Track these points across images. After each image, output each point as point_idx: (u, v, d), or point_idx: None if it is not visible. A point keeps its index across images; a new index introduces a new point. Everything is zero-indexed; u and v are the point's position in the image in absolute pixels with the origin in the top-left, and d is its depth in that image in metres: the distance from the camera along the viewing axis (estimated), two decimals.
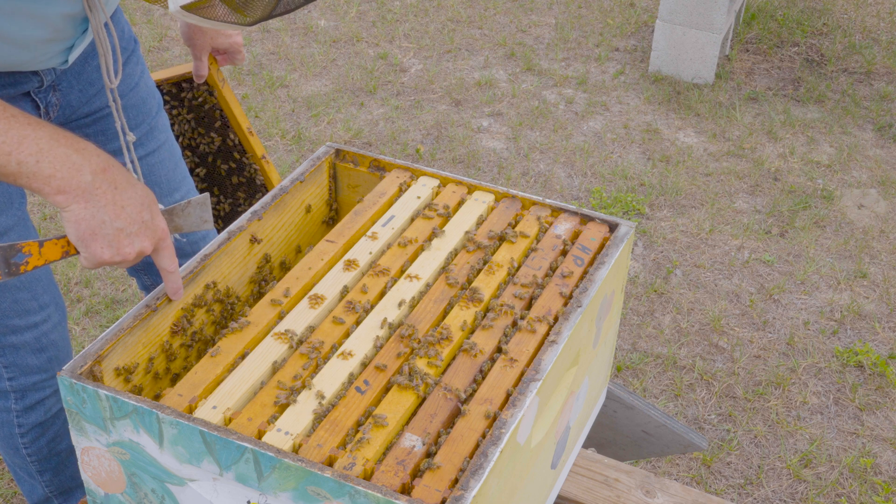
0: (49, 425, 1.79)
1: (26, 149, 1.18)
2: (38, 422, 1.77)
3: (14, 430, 1.77)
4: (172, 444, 1.18)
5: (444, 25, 4.75)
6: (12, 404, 1.73)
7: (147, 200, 1.27)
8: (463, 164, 3.75)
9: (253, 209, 1.54)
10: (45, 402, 1.75)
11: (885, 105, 4.24)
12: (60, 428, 1.82)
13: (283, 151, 3.77)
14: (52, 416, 1.78)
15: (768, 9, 4.94)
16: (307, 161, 1.68)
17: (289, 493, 1.13)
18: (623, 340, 2.95)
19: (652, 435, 1.95)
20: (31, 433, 1.78)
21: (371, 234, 1.53)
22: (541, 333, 1.34)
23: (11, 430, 1.77)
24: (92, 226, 1.22)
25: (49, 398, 1.76)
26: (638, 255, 3.31)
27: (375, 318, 1.36)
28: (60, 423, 1.81)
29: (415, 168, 1.68)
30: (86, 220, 1.22)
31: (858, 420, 2.74)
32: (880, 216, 3.57)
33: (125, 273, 3.08)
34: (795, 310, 3.11)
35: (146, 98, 1.75)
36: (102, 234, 1.22)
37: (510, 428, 1.17)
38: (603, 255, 1.49)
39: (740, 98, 4.24)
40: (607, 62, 4.49)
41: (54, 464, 1.85)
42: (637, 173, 3.74)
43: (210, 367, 1.28)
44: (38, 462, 1.83)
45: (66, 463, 1.88)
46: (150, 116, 1.76)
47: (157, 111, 1.78)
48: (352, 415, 1.21)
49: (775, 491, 2.53)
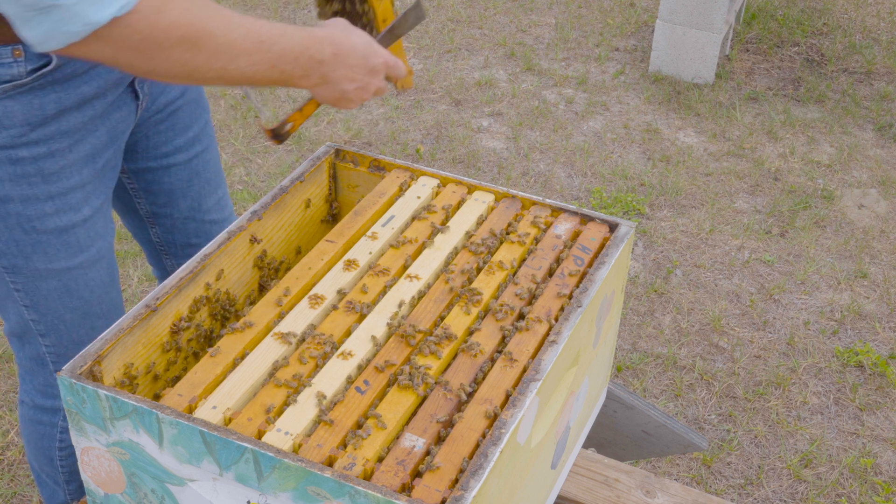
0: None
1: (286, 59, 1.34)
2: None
3: (54, 444, 1.80)
4: (172, 444, 1.18)
5: (444, 25, 4.75)
6: (60, 421, 1.76)
7: (367, 51, 1.45)
8: (463, 164, 3.75)
9: (253, 209, 1.54)
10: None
11: (885, 105, 4.24)
12: None
13: (283, 151, 3.77)
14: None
15: (768, 9, 4.94)
16: (307, 161, 1.68)
17: (289, 493, 1.12)
18: (623, 340, 2.95)
19: (652, 435, 1.95)
20: (69, 449, 1.80)
21: (371, 233, 1.53)
22: (541, 333, 1.34)
23: (51, 444, 1.80)
24: (335, 96, 1.44)
25: None
26: (638, 255, 3.31)
27: (375, 318, 1.36)
28: None
29: (415, 168, 1.68)
30: (330, 94, 1.44)
31: (858, 420, 2.74)
32: (880, 216, 3.57)
33: (125, 273, 3.08)
34: (795, 310, 3.11)
35: (201, 92, 1.80)
36: (345, 98, 1.45)
37: (510, 428, 1.17)
38: (603, 255, 1.49)
39: (740, 98, 4.24)
40: (607, 62, 4.49)
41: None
42: (637, 173, 3.73)
43: (210, 367, 1.28)
44: (68, 473, 1.85)
45: None
46: (205, 111, 1.81)
47: (207, 106, 1.85)
48: (352, 415, 1.21)
49: (775, 491, 2.53)
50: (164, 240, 1.88)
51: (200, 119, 1.79)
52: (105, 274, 1.65)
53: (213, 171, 1.86)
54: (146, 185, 1.79)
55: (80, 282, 1.60)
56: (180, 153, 1.77)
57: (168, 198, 1.81)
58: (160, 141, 1.74)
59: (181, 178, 1.80)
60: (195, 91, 1.77)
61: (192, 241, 1.88)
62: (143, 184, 1.79)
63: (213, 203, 1.88)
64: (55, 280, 1.58)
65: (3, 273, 1.57)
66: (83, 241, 1.58)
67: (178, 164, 1.78)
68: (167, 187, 1.80)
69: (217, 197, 1.89)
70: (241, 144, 3.78)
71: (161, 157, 1.75)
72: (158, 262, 1.94)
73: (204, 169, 1.83)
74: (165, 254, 1.91)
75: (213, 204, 1.88)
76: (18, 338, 1.68)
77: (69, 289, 1.60)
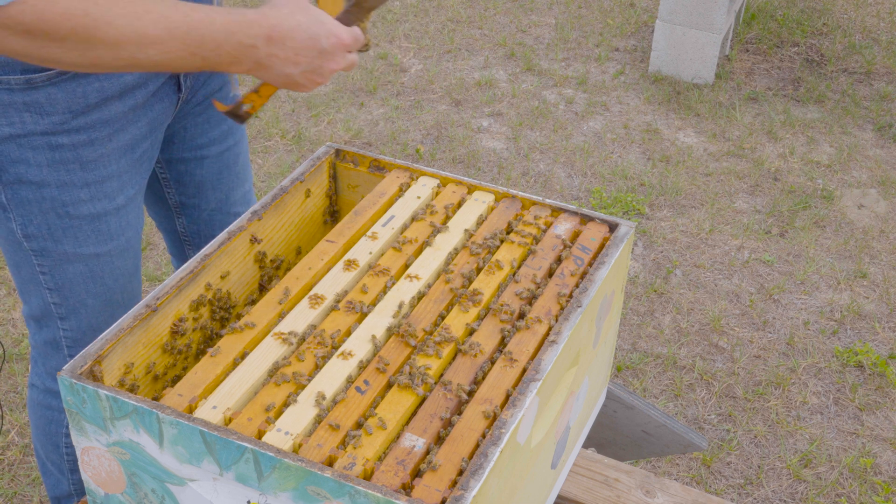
0: None
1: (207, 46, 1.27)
2: None
3: (61, 430, 1.80)
4: (172, 444, 1.18)
5: (444, 25, 4.75)
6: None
7: (315, 30, 1.34)
8: (463, 164, 3.75)
9: (253, 209, 1.54)
10: None
11: (885, 105, 4.24)
12: None
13: (283, 151, 3.77)
14: None
15: (768, 9, 4.94)
16: (307, 161, 1.68)
17: (289, 493, 1.13)
18: (623, 340, 2.95)
19: (652, 435, 1.95)
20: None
21: (371, 234, 1.53)
22: (541, 333, 1.34)
23: (59, 429, 1.80)
24: (282, 80, 1.37)
25: None
26: (638, 255, 3.31)
27: (375, 318, 1.36)
28: None
29: (415, 168, 1.68)
30: (276, 78, 1.36)
31: (858, 420, 2.74)
32: (880, 216, 3.57)
33: None
34: (795, 310, 3.11)
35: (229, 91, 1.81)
36: (294, 81, 1.37)
37: (510, 428, 1.17)
38: (603, 255, 1.49)
39: (740, 98, 4.24)
40: (607, 62, 4.49)
41: None
42: (637, 173, 3.74)
43: (210, 367, 1.28)
44: (73, 462, 1.85)
45: None
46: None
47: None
48: (352, 415, 1.21)
49: (775, 491, 2.53)
50: (190, 230, 1.90)
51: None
52: (131, 264, 1.66)
53: (242, 164, 1.87)
54: (178, 176, 1.80)
55: (107, 269, 1.61)
56: (213, 146, 1.78)
57: (198, 189, 1.82)
58: (196, 133, 1.74)
59: (213, 170, 1.81)
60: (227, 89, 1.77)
61: (216, 233, 1.90)
62: (174, 174, 1.80)
63: (240, 196, 1.89)
64: (82, 265, 1.58)
65: (31, 255, 1.57)
66: (114, 229, 1.58)
67: (211, 157, 1.79)
68: (198, 178, 1.81)
69: (244, 190, 1.90)
70: None
71: (195, 148, 1.76)
72: (181, 251, 1.96)
73: (234, 162, 1.84)
74: (189, 244, 1.93)
75: (240, 197, 1.89)
76: (37, 321, 1.68)
77: (95, 274, 1.61)
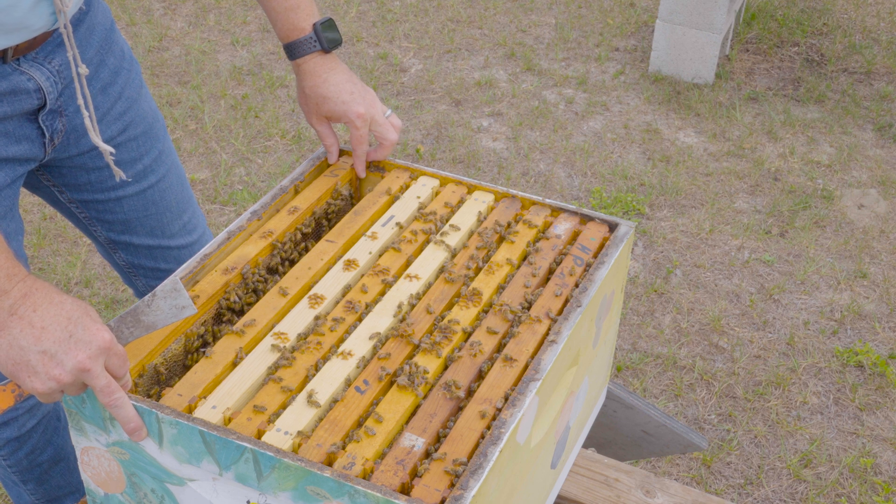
0: (25, 440, 1.77)
1: None
2: (11, 437, 1.75)
3: None
4: (172, 444, 1.18)
5: (444, 25, 4.75)
6: None
7: (76, 313, 1.12)
8: (463, 164, 3.75)
9: (253, 209, 1.54)
10: (18, 419, 1.75)
11: (885, 105, 4.24)
12: (38, 441, 1.79)
13: (283, 151, 3.77)
14: (26, 432, 1.76)
15: (768, 9, 4.94)
16: (307, 161, 1.68)
17: (288, 492, 1.13)
18: (623, 340, 2.95)
19: (652, 435, 1.95)
20: (7, 447, 1.77)
21: (371, 233, 1.53)
22: (540, 333, 1.34)
23: None
24: (13, 355, 1.11)
25: (21, 416, 1.75)
26: (638, 255, 3.31)
27: (375, 317, 1.36)
28: (38, 437, 1.79)
29: (415, 168, 1.68)
30: (5, 351, 1.11)
31: (858, 420, 2.74)
32: (880, 216, 3.57)
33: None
34: (795, 310, 3.11)
35: (153, 123, 1.71)
36: (25, 363, 1.10)
37: (510, 428, 1.17)
38: (603, 255, 1.49)
39: (740, 98, 4.24)
40: (607, 62, 4.49)
41: (36, 474, 1.84)
42: (637, 173, 3.74)
43: (209, 367, 1.28)
44: (20, 473, 1.82)
45: (50, 473, 1.86)
46: (158, 141, 1.73)
47: (163, 135, 1.75)
48: (351, 414, 1.21)
49: (775, 491, 2.53)
50: (132, 263, 1.82)
51: (151, 151, 1.71)
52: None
53: (172, 198, 1.77)
54: (98, 215, 1.72)
55: None
56: (129, 186, 1.69)
57: (125, 226, 1.74)
58: (102, 177, 1.66)
59: (135, 208, 1.72)
60: (138, 127, 1.68)
61: (160, 266, 1.82)
62: (94, 213, 1.72)
63: (178, 228, 1.80)
64: None
65: None
66: None
67: (129, 196, 1.70)
68: (121, 217, 1.72)
69: (182, 222, 1.81)
70: (242, 144, 3.78)
71: (107, 190, 1.68)
72: (130, 283, 1.89)
73: (161, 198, 1.74)
74: (135, 275, 1.85)
75: (178, 229, 1.81)
76: None
77: None
